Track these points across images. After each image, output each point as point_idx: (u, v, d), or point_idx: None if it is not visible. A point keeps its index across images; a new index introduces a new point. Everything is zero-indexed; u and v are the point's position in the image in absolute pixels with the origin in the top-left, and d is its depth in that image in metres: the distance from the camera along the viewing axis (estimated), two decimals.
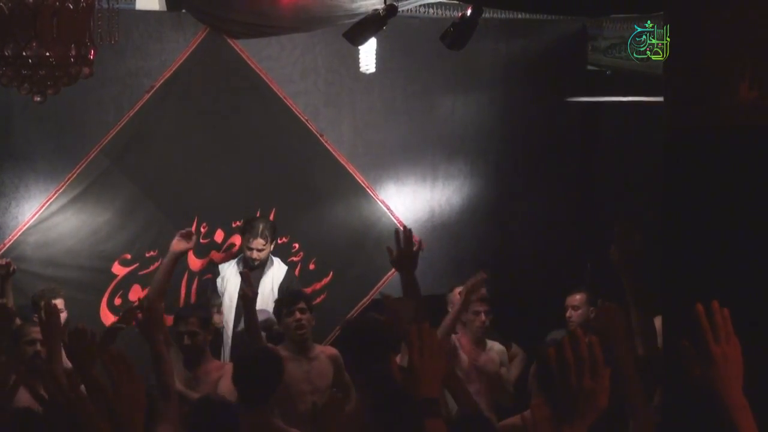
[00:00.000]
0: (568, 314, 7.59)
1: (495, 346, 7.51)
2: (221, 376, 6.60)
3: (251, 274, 7.95)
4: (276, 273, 8.18)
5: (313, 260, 8.79)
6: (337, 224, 8.94)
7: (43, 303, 5.38)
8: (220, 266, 8.28)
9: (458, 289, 7.60)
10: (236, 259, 8.27)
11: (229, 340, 7.95)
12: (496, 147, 9.56)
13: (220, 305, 7.98)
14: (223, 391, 6.42)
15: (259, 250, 8.05)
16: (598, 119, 10.06)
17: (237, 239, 8.41)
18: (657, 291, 4.95)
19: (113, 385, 3.10)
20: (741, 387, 2.85)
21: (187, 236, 6.80)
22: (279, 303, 7.08)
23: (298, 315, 6.82)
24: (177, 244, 6.68)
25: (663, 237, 4.74)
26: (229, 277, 8.13)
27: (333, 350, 7.08)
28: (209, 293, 8.12)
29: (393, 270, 8.86)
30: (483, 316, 7.27)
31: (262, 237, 8.05)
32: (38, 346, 6.27)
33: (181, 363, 6.56)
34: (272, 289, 8.05)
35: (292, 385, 6.52)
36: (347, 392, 7.06)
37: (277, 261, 8.26)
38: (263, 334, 7.13)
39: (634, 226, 5.20)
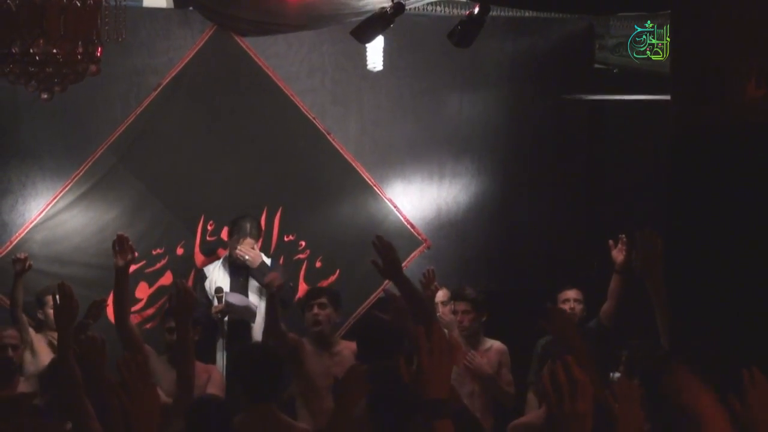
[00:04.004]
0: (568, 307, 7.55)
1: (494, 346, 7.44)
2: (208, 379, 6.59)
3: (239, 272, 7.97)
4: None
5: (319, 258, 8.77)
6: (344, 222, 8.93)
7: (57, 287, 5.27)
8: (205, 269, 8.18)
9: (440, 291, 7.66)
10: (221, 260, 8.20)
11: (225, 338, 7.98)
12: (503, 145, 9.55)
13: (210, 304, 7.97)
14: None
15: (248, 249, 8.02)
16: (605, 117, 10.04)
17: None
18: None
19: (128, 392, 3.12)
20: None
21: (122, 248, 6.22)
22: (302, 298, 7.13)
23: (315, 310, 6.88)
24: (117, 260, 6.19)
25: (669, 234, 4.74)
26: (217, 279, 8.05)
27: None
28: (197, 293, 8.07)
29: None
30: (459, 316, 7.26)
31: (251, 236, 8.01)
32: (9, 352, 6.17)
33: (164, 364, 6.54)
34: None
35: (313, 379, 6.55)
36: None
37: (261, 256, 8.16)
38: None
39: (655, 233, 5.25)
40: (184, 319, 5.21)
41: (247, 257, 7.96)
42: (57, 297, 5.16)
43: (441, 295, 7.72)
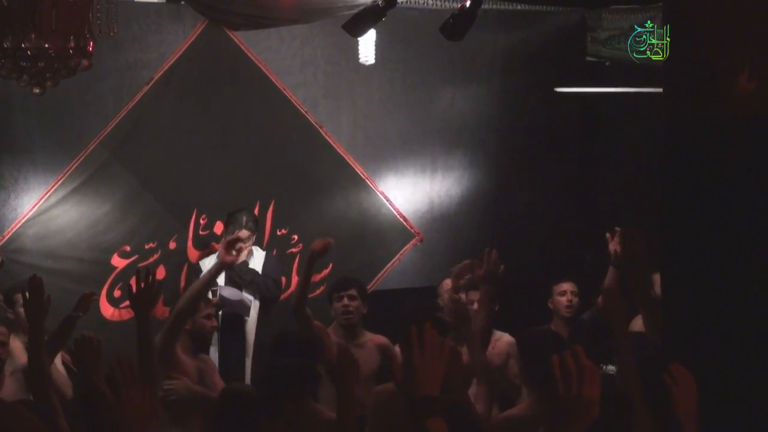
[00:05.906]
0: (566, 299, 7.56)
1: (504, 338, 7.45)
2: (215, 369, 6.61)
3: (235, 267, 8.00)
4: (258, 261, 8.15)
5: None
6: (337, 216, 8.94)
7: (28, 281, 5.01)
8: (201, 263, 8.19)
9: (447, 280, 7.64)
10: (216, 254, 8.15)
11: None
12: (495, 138, 9.57)
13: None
14: (218, 386, 6.42)
15: (244, 241, 8.02)
16: (597, 110, 10.05)
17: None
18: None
19: (115, 391, 3.09)
20: None
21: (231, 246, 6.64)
22: (331, 287, 7.21)
23: (346, 301, 6.95)
24: (225, 256, 6.42)
25: (661, 228, 4.74)
26: None
27: (383, 339, 7.05)
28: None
29: (393, 262, 8.99)
30: (474, 305, 7.26)
31: (247, 228, 8.01)
32: None
33: (186, 352, 6.49)
34: None
35: None
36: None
37: (255, 249, 8.21)
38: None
39: (637, 230, 5.26)
40: (144, 312, 5.00)
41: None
42: (26, 292, 4.95)
43: (449, 283, 7.72)
